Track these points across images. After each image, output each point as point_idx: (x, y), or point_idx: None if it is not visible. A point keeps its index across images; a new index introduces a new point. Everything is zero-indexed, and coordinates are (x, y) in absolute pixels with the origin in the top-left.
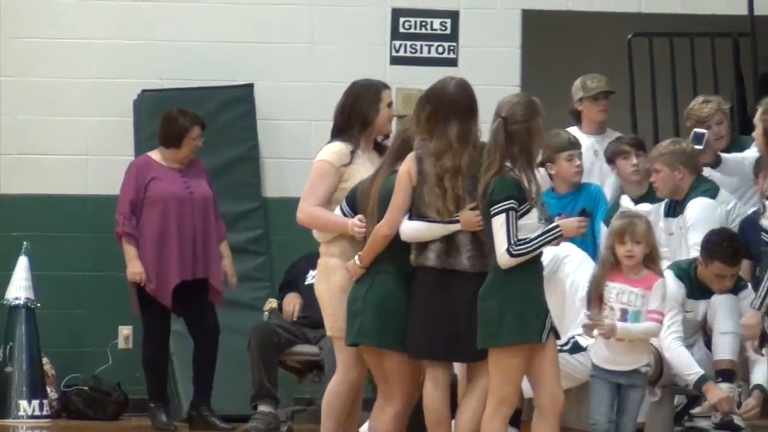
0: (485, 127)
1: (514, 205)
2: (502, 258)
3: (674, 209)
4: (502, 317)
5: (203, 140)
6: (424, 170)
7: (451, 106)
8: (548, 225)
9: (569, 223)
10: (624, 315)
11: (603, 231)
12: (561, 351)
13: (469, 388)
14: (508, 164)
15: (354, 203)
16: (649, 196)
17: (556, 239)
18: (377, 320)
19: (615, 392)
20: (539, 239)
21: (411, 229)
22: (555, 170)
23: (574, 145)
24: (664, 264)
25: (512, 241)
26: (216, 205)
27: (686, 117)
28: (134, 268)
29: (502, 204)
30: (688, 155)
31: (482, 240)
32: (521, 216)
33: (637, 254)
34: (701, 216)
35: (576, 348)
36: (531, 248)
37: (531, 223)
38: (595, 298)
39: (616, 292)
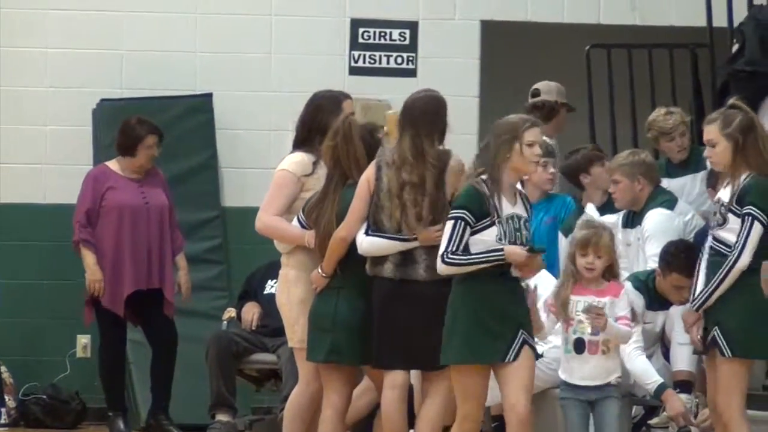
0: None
1: (465, 216)
2: (437, 262)
3: (632, 220)
4: (451, 334)
5: (162, 149)
6: (381, 177)
7: (407, 116)
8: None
9: (515, 252)
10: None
11: (562, 242)
12: None
13: (427, 397)
14: (484, 176)
15: None
16: (608, 206)
17: (497, 263)
18: (351, 339)
19: (588, 410)
20: (477, 257)
21: (368, 244)
22: (528, 176)
23: (550, 153)
24: (623, 275)
25: (449, 249)
26: (173, 216)
27: (648, 128)
28: (94, 276)
29: (455, 211)
30: (648, 166)
31: (436, 248)
32: (478, 231)
33: (597, 267)
34: (659, 227)
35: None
36: (464, 262)
37: (487, 240)
38: (558, 310)
39: (583, 305)
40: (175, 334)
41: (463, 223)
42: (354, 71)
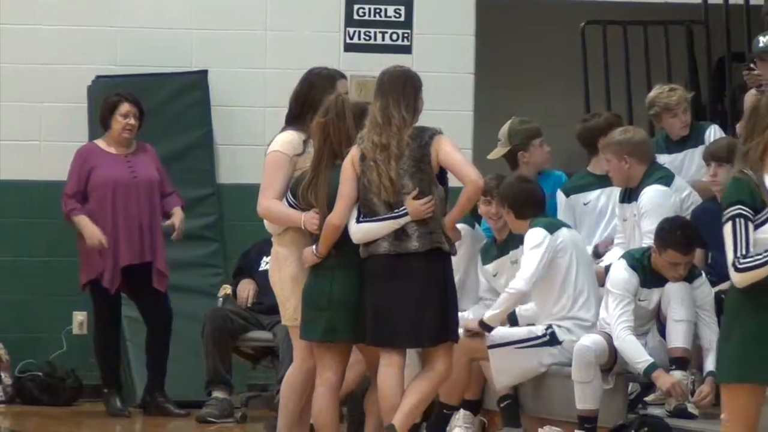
0: (436, 115)
1: (742, 211)
2: (731, 273)
3: (629, 195)
4: (724, 347)
5: (156, 126)
6: (364, 156)
7: (378, 86)
8: None
9: None
10: None
11: (562, 203)
12: (540, 345)
13: (422, 371)
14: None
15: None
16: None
17: None
18: (346, 317)
19: None
20: None
21: (362, 232)
22: (528, 158)
23: (541, 130)
24: (618, 251)
25: (739, 254)
26: (167, 185)
27: (649, 105)
28: (93, 232)
29: (730, 210)
30: (634, 144)
31: (426, 219)
32: (756, 227)
33: None
34: (654, 203)
35: (554, 340)
36: (760, 261)
37: (764, 238)
38: None
39: None
40: (169, 310)
41: (742, 219)
42: (349, 48)
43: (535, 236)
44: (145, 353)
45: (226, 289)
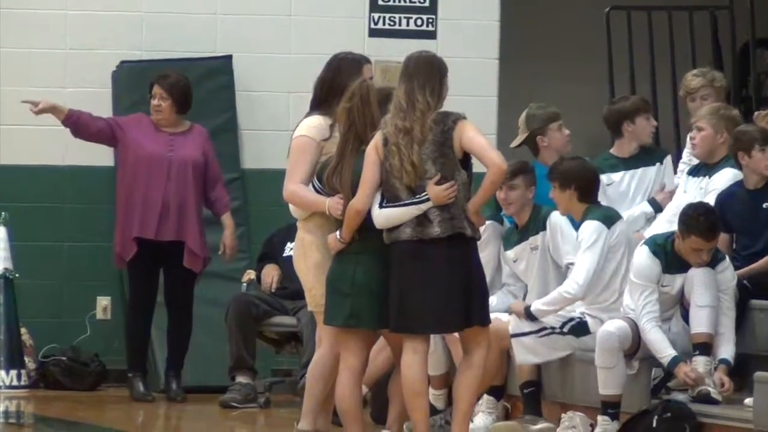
0: (461, 101)
1: None
2: None
3: (699, 170)
4: None
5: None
6: (387, 140)
7: (403, 70)
8: None
9: None
10: None
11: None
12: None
13: (463, 360)
14: None
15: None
16: (638, 158)
17: None
18: (369, 303)
19: None
20: None
21: (384, 218)
22: (547, 142)
23: (559, 114)
24: (664, 217)
25: None
26: (213, 172)
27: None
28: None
29: None
30: (736, 123)
31: (448, 205)
32: None
33: None
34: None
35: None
36: None
37: None
38: None
39: None
40: (190, 297)
41: None
42: (374, 33)
43: (591, 231)
44: (167, 339)
45: (250, 274)
